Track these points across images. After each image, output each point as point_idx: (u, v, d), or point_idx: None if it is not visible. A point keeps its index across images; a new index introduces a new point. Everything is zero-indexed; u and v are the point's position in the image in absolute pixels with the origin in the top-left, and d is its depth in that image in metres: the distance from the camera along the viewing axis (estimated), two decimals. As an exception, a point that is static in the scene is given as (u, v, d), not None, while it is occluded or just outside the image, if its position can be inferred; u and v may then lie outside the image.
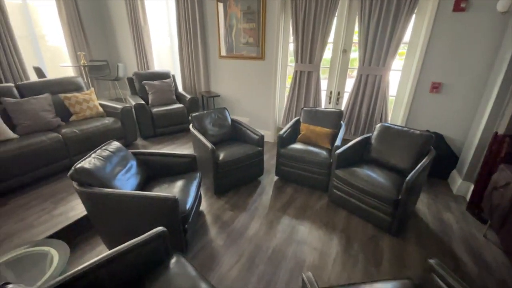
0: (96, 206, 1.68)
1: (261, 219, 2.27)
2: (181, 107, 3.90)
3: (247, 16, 3.55)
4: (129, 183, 1.92)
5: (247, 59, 3.80)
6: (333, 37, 3.20)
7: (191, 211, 1.87)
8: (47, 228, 2.00)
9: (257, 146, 2.73)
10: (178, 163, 2.20)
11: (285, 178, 2.88)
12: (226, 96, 4.26)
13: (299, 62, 3.37)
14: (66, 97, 3.13)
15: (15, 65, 4.03)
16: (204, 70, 4.18)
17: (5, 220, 2.08)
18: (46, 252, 1.38)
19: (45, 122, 2.84)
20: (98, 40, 5.32)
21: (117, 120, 3.29)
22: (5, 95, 2.71)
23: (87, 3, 4.99)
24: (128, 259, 1.24)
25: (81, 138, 2.91)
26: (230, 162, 2.50)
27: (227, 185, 2.63)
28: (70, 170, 1.62)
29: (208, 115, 2.88)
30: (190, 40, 4.10)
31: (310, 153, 2.61)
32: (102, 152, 1.90)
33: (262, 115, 3.99)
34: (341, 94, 3.40)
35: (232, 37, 3.80)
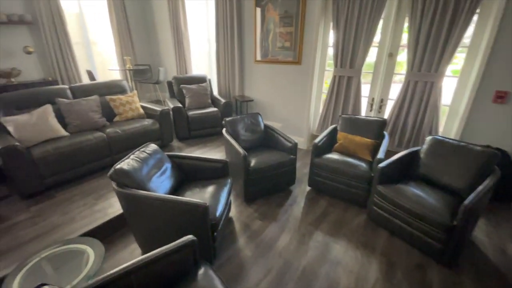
0: (131, 206, 1.72)
1: (291, 232, 2.15)
2: (215, 110, 3.95)
3: (285, 20, 3.48)
4: (163, 186, 1.94)
5: (282, 64, 3.72)
6: (378, 40, 2.97)
7: (220, 219, 1.83)
8: (87, 223, 2.11)
9: (290, 154, 2.62)
10: (211, 168, 2.18)
11: (319, 189, 2.72)
12: (260, 101, 4.22)
13: (338, 66, 3.19)
14: (112, 99, 3.34)
15: (71, 69, 4.45)
16: (239, 74, 4.20)
17: (52, 212, 2.25)
18: (83, 251, 1.43)
19: (92, 121, 3.05)
20: (143, 46, 5.67)
21: (155, 122, 3.43)
22: (60, 96, 2.97)
23: (135, 11, 5.34)
24: (157, 267, 1.22)
25: (123, 137, 3.07)
26: (262, 169, 2.43)
27: (257, 193, 2.56)
28: (110, 170, 1.68)
29: (241, 120, 2.85)
30: (227, 45, 4.15)
31: (347, 164, 2.43)
32: (140, 154, 1.95)
33: (296, 121, 3.86)
34: (385, 102, 3.13)
35: (268, 42, 3.75)
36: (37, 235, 1.96)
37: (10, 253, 1.79)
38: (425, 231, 1.85)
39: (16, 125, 2.45)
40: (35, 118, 2.57)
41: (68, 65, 4.41)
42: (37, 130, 2.55)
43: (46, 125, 2.63)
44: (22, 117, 2.51)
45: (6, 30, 3.84)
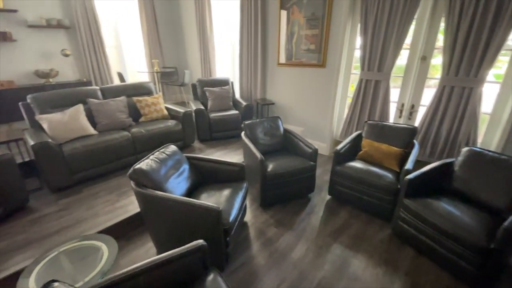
0: (147, 206, 1.74)
1: (308, 243, 2.06)
2: (236, 113, 3.96)
3: (311, 22, 3.39)
4: (180, 187, 1.95)
5: (306, 67, 3.63)
6: (410, 42, 2.78)
7: (234, 224, 1.79)
8: (109, 219, 2.18)
9: (310, 160, 2.52)
10: (227, 171, 2.16)
11: (339, 199, 2.58)
12: (281, 104, 4.15)
13: (365, 70, 3.04)
14: (138, 100, 3.48)
15: (103, 70, 4.73)
16: (261, 77, 4.17)
17: (78, 206, 2.37)
18: (98, 247, 1.47)
19: (119, 121, 3.19)
20: (170, 49, 5.88)
21: (178, 123, 3.50)
22: (91, 96, 3.14)
23: (164, 16, 5.56)
24: (166, 270, 1.21)
25: (147, 137, 3.17)
26: (279, 175, 2.36)
27: (274, 198, 2.49)
28: (130, 170, 1.72)
29: (260, 123, 2.81)
30: (250, 48, 4.15)
31: (372, 174, 2.28)
32: (159, 155, 1.98)
33: (318, 126, 3.74)
34: (416, 108, 2.91)
35: (292, 44, 3.69)
36: (62, 228, 2.07)
37: (36, 243, 1.91)
38: (457, 253, 1.66)
39: (50, 122, 2.63)
40: (67, 116, 2.74)
41: (101, 67, 4.69)
42: (68, 128, 2.71)
43: (77, 123, 2.79)
44: (55, 116, 2.69)
45: (46, 34, 4.17)
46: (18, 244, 1.89)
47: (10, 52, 3.89)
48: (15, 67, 3.97)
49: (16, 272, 1.61)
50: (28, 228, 2.06)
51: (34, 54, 4.10)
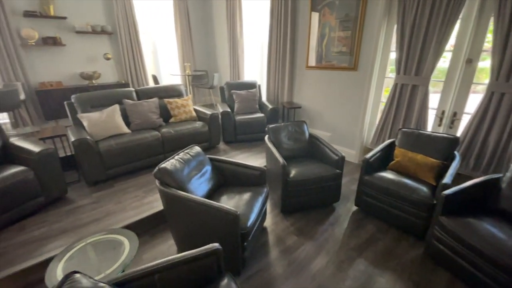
0: (170, 204, 1.79)
1: (329, 255, 1.95)
2: (261, 116, 3.94)
3: (343, 24, 3.27)
4: (201, 188, 1.98)
5: (336, 70, 3.50)
6: (453, 43, 2.53)
7: (252, 229, 1.77)
8: (135, 214, 2.29)
9: (336, 168, 2.40)
10: (248, 175, 2.15)
11: (367, 211, 2.42)
12: (308, 108, 4.05)
13: (401, 73, 2.83)
14: (169, 101, 3.63)
15: (140, 73, 5.03)
16: (289, 80, 4.12)
17: (108, 200, 2.52)
18: (121, 242, 1.54)
19: (151, 121, 3.35)
20: (202, 53, 6.08)
21: (205, 125, 3.59)
22: (127, 97, 3.35)
23: (197, 21, 5.78)
24: (180, 270, 1.22)
25: (175, 137, 3.29)
26: (302, 182, 2.28)
27: (295, 206, 2.42)
28: (155, 169, 1.79)
29: (285, 127, 2.75)
30: (279, 51, 4.13)
31: (404, 186, 2.10)
32: (184, 156, 2.03)
33: (347, 131, 3.57)
34: (458, 116, 2.64)
35: (322, 47, 3.58)
36: (93, 220, 2.22)
37: (70, 232, 2.06)
38: (501, 282, 1.45)
39: (89, 121, 2.85)
40: (104, 116, 2.95)
41: (138, 70, 5.00)
42: (105, 126, 2.91)
43: (113, 122, 2.99)
44: (94, 115, 2.91)
45: (90, 39, 4.56)
46: (55, 232, 2.07)
47: (59, 56, 4.32)
48: (63, 69, 4.40)
49: (49, 259, 1.76)
50: (65, 217, 2.24)
51: (80, 57, 4.51)
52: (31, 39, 3.92)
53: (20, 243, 1.94)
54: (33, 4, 3.92)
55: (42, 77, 4.23)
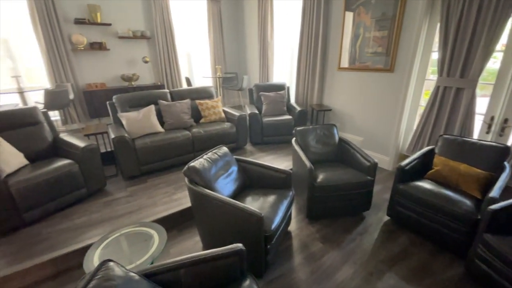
0: (197, 202, 1.84)
1: (356, 266, 1.86)
2: (289, 118, 3.90)
3: (379, 23, 3.11)
4: (227, 188, 2.01)
5: (371, 71, 3.34)
6: (505, 43, 2.27)
7: (276, 232, 1.75)
8: (165, 209, 2.40)
9: (367, 175, 2.29)
10: (274, 177, 2.13)
11: (400, 222, 2.27)
12: (339, 111, 3.92)
13: (444, 75, 2.61)
14: (200, 102, 3.76)
15: (174, 75, 5.29)
16: (319, 82, 4.03)
17: (141, 194, 2.67)
18: (151, 235, 1.62)
19: (183, 122, 3.49)
20: (232, 55, 6.21)
21: (233, 126, 3.65)
22: (162, 98, 3.53)
23: (229, 25, 5.92)
24: (204, 268, 1.25)
25: (204, 137, 3.39)
26: (329, 187, 2.21)
27: (322, 212, 2.34)
28: (185, 167, 1.85)
29: (313, 130, 2.69)
30: (309, 52, 4.06)
31: (444, 198, 1.93)
32: (212, 155, 2.08)
33: (381, 136, 3.39)
34: (510, 123, 2.36)
35: (356, 48, 3.45)
36: (127, 212, 2.37)
37: (106, 222, 2.22)
38: None
39: (127, 120, 3.05)
40: (141, 115, 3.14)
41: (173, 73, 5.26)
42: (141, 125, 3.10)
43: (148, 122, 3.17)
44: (132, 114, 3.11)
45: (131, 43, 4.90)
46: (93, 221, 2.24)
47: (104, 59, 4.71)
48: (107, 72, 4.79)
49: (87, 246, 1.91)
50: (103, 208, 2.43)
51: (121, 60, 4.86)
52: (80, 44, 4.33)
53: (63, 229, 2.14)
54: (82, 12, 4.33)
55: (88, 78, 4.64)
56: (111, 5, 4.52)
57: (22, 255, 1.86)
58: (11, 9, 3.93)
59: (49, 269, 1.84)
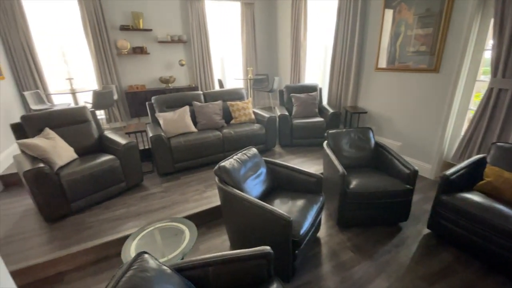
0: (226, 201, 1.88)
1: (391, 280, 1.73)
2: (320, 121, 3.80)
3: (423, 20, 2.90)
4: (256, 189, 2.01)
5: (412, 72, 3.12)
6: None
7: (304, 237, 1.70)
8: (196, 206, 2.48)
9: (405, 183, 2.13)
10: (303, 181, 2.09)
11: (442, 236, 2.07)
12: (375, 113, 3.71)
13: (499, 76, 2.34)
14: (231, 104, 3.83)
15: (208, 77, 5.46)
16: (354, 83, 3.86)
17: (174, 191, 2.80)
18: (183, 230, 1.68)
19: (214, 122, 3.59)
20: (264, 57, 6.23)
21: (262, 127, 3.66)
22: (196, 99, 3.67)
23: (262, 27, 5.95)
24: (231, 267, 1.26)
25: (234, 138, 3.45)
26: (363, 194, 2.09)
27: (353, 219, 2.23)
28: (216, 166, 1.90)
29: (346, 134, 2.58)
30: (345, 52, 3.92)
31: (496, 213, 1.72)
32: (241, 156, 2.10)
33: (422, 142, 3.14)
34: None
35: (396, 47, 3.24)
36: (161, 207, 2.49)
37: (142, 215, 2.36)
38: None
39: (164, 119, 3.22)
40: (176, 116, 3.29)
41: (207, 75, 5.44)
42: (176, 125, 3.25)
43: (183, 122, 3.31)
44: (168, 114, 3.27)
45: (169, 47, 5.17)
46: (131, 213, 2.40)
47: (144, 62, 5.03)
48: (146, 74, 5.11)
49: (124, 236, 2.05)
50: (139, 202, 2.59)
51: (160, 64, 5.16)
52: (124, 49, 4.68)
53: (104, 219, 2.32)
54: (127, 20, 4.67)
55: (130, 81, 5.00)
56: (153, 11, 4.83)
57: (69, 241, 2.06)
58: (65, 19, 4.39)
59: (91, 255, 2.01)
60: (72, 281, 1.83)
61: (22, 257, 1.90)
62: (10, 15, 3.84)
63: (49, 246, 2.01)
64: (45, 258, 1.88)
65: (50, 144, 2.41)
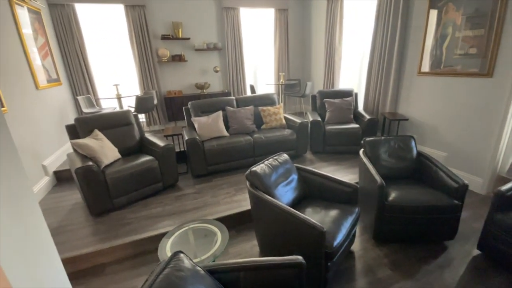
0: (257, 206, 1.88)
1: (435, 304, 1.58)
2: (356, 127, 3.64)
3: (472, 21, 2.65)
4: (287, 196, 1.99)
5: (460, 76, 2.86)
6: None
7: (338, 250, 1.63)
8: (226, 209, 2.52)
9: (453, 198, 1.94)
10: (337, 190, 2.01)
11: (496, 260, 1.84)
12: (417, 120, 3.46)
13: None
14: (263, 109, 3.85)
15: (240, 83, 5.58)
16: (393, 88, 3.66)
17: (206, 192, 2.88)
18: (215, 232, 1.71)
19: (246, 127, 3.64)
20: (296, 62, 6.19)
21: (293, 133, 3.61)
22: (228, 104, 3.76)
23: (295, 33, 5.93)
24: (263, 274, 1.25)
25: (265, 143, 3.46)
26: (404, 208, 1.95)
27: (392, 234, 2.09)
28: (247, 171, 1.91)
29: (385, 142, 2.44)
30: (383, 56, 3.73)
31: None
32: (273, 162, 2.09)
33: (472, 153, 2.84)
34: None
35: (442, 49, 3.01)
36: (193, 208, 2.58)
37: (176, 215, 2.46)
38: None
39: (199, 124, 3.35)
40: (210, 120, 3.41)
41: (239, 81, 5.57)
42: (210, 129, 3.36)
43: (216, 126, 3.41)
44: (203, 119, 3.40)
45: (204, 54, 5.39)
46: (166, 212, 2.52)
47: (182, 69, 5.31)
48: (183, 80, 5.38)
49: (160, 234, 2.15)
50: (174, 202, 2.70)
51: (196, 70, 5.40)
52: (164, 57, 4.98)
53: (142, 216, 2.46)
54: (168, 30, 4.99)
55: (169, 86, 5.30)
56: (191, 21, 5.09)
57: (110, 235, 2.21)
58: (114, 30, 4.81)
59: (130, 250, 2.14)
60: (112, 273, 1.96)
61: (69, 247, 2.09)
62: (67, 25, 4.31)
63: (93, 238, 2.18)
64: (89, 249, 2.05)
65: (98, 144, 2.63)
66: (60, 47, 4.36)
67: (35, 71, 3.34)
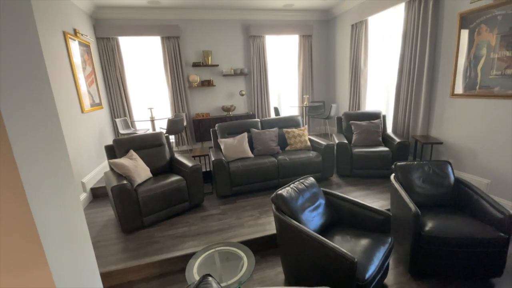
0: (283, 231, 1.84)
1: None
2: (385, 150, 3.51)
3: (508, 40, 2.55)
4: (314, 221, 1.94)
5: (498, 98, 2.70)
6: None
7: (370, 283, 1.53)
8: (250, 232, 2.49)
9: (498, 230, 1.76)
10: (368, 217, 1.92)
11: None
12: (453, 144, 3.26)
13: None
14: (287, 131, 3.89)
15: (265, 106, 5.72)
16: (424, 110, 3.52)
17: (231, 214, 2.88)
18: (241, 257, 1.70)
19: (270, 148, 3.67)
20: (320, 85, 6.25)
21: (319, 155, 3.57)
22: (253, 126, 3.85)
23: (319, 57, 6.06)
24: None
25: (289, 165, 3.45)
26: (442, 240, 1.80)
27: (429, 267, 1.91)
28: (273, 194, 1.91)
29: (419, 167, 2.32)
30: (412, 78, 3.65)
31: None
32: (299, 185, 2.07)
33: (518, 181, 2.59)
34: None
35: (477, 71, 2.89)
36: (218, 229, 2.59)
37: (201, 236, 2.48)
38: None
39: (225, 145, 3.45)
40: (236, 141, 3.50)
41: (264, 103, 5.71)
42: (235, 150, 3.44)
43: (241, 147, 3.49)
44: (229, 140, 3.50)
45: (231, 79, 5.66)
46: (192, 232, 2.55)
47: (210, 93, 5.60)
48: (211, 104, 5.65)
49: (186, 254, 2.17)
50: (199, 222, 2.74)
51: (223, 94, 5.66)
52: (194, 82, 5.31)
53: (169, 235, 2.52)
54: (198, 58, 5.36)
55: (197, 109, 5.59)
56: (220, 49, 5.44)
57: (138, 253, 2.28)
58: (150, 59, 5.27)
59: (157, 269, 2.17)
60: (140, 291, 2.00)
61: (100, 263, 2.18)
62: (111, 55, 4.81)
63: (123, 255, 2.26)
64: (119, 266, 2.12)
65: (133, 164, 2.80)
66: (104, 74, 4.85)
67: (82, 96, 3.72)
